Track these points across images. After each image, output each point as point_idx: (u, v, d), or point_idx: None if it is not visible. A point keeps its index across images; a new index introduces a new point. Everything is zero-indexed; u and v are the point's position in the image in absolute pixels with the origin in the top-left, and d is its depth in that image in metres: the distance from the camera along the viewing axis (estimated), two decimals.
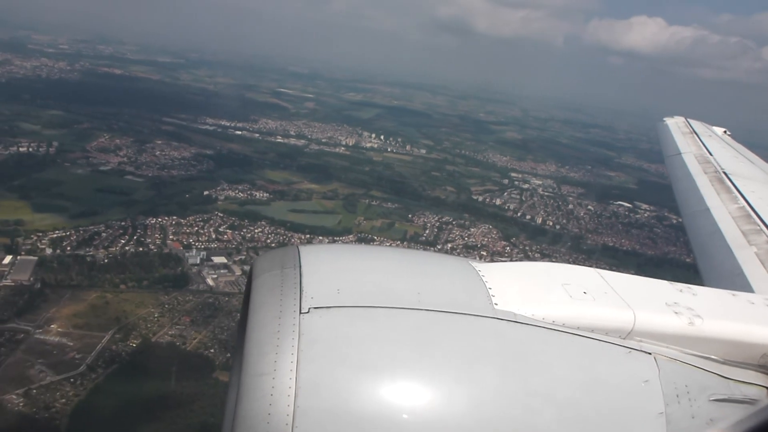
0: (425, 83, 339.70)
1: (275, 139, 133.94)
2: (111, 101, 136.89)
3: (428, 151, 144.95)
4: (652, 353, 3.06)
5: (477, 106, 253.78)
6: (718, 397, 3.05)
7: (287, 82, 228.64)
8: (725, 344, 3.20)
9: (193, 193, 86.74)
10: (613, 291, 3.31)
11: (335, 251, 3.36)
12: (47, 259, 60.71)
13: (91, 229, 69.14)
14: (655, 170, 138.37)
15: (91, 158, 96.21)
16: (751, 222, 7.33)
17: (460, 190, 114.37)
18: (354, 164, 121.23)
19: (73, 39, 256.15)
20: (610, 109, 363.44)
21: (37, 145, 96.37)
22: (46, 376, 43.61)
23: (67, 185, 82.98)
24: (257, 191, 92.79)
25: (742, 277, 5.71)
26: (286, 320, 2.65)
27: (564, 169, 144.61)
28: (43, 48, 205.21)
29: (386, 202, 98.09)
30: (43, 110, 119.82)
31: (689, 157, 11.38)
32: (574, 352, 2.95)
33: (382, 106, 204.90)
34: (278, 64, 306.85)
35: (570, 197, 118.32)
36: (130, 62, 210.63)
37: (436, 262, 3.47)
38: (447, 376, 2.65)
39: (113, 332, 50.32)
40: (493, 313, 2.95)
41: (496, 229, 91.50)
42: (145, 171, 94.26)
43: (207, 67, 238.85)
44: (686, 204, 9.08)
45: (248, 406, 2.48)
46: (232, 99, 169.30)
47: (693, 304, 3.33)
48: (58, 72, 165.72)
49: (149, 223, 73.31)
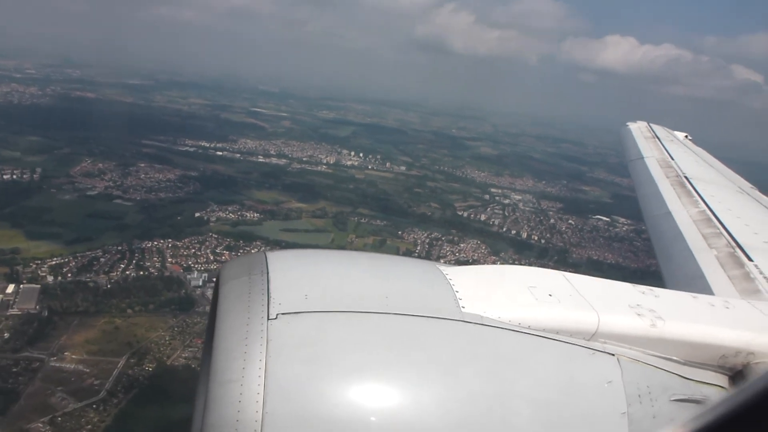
0: (396, 100, 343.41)
1: (257, 159, 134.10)
2: (87, 125, 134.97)
3: (408, 167, 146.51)
4: (615, 354, 3.13)
5: (449, 122, 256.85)
6: (678, 398, 3.15)
7: (259, 101, 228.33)
8: (686, 345, 3.29)
9: (184, 216, 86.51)
10: (578, 293, 3.38)
11: (303, 257, 3.40)
12: (50, 287, 60.18)
13: (88, 255, 68.68)
14: (627, 184, 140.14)
15: (76, 183, 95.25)
16: (711, 225, 7.42)
17: (444, 206, 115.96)
18: (338, 182, 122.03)
19: (39, 63, 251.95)
20: (580, 125, 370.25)
21: (20, 172, 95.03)
22: (68, 404, 43.43)
23: (57, 212, 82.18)
24: (247, 212, 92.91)
25: (703, 279, 5.82)
26: (254, 327, 2.66)
27: (541, 183, 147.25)
28: (10, 73, 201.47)
29: (375, 219, 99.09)
30: (20, 136, 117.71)
31: (651, 162, 11.51)
32: (540, 353, 3.02)
33: (357, 123, 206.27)
34: (248, 84, 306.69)
35: (550, 212, 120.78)
36: (100, 85, 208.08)
37: (403, 266, 3.53)
38: (415, 379, 2.70)
39: (127, 357, 50.25)
40: (461, 316, 2.99)
41: (485, 245, 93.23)
42: (132, 194, 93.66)
43: (178, 88, 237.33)
44: (649, 207, 9.18)
45: (216, 414, 2.49)
46: (208, 120, 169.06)
47: (655, 306, 3.41)
48: (30, 97, 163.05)
49: (145, 246, 73.09)
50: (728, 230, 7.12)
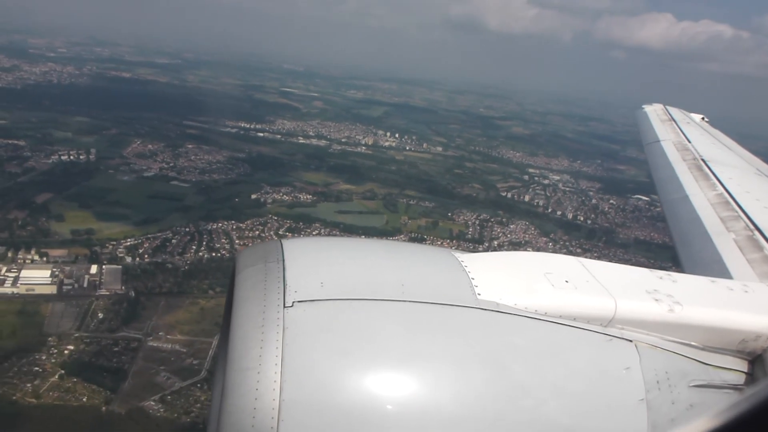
0: (419, 79, 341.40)
1: (297, 140, 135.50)
2: (128, 105, 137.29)
3: (444, 148, 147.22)
4: (633, 340, 3.11)
5: (475, 101, 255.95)
6: (697, 383, 3.12)
7: (287, 81, 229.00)
8: (704, 331, 3.25)
9: (241, 198, 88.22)
10: (595, 279, 3.35)
11: (319, 244, 3.38)
12: (131, 268, 62.11)
13: (159, 236, 70.69)
14: None
15: (131, 164, 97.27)
16: (729, 209, 7.26)
17: (487, 187, 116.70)
18: (380, 164, 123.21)
19: (68, 42, 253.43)
20: (604, 102, 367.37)
21: (76, 153, 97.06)
22: (174, 382, 45.34)
23: (120, 193, 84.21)
24: (300, 193, 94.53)
25: (721, 263, 5.71)
26: (270, 314, 2.68)
27: (576, 163, 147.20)
28: (44, 52, 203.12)
29: (423, 201, 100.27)
30: (67, 116, 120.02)
31: (668, 145, 11.27)
32: (557, 340, 3.01)
33: (387, 103, 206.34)
34: (273, 63, 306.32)
35: (590, 192, 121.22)
36: (131, 65, 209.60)
37: (419, 254, 3.52)
38: (431, 367, 2.70)
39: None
40: (476, 303, 2.99)
41: (533, 226, 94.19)
42: (187, 176, 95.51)
43: (206, 67, 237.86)
44: (665, 191, 9.02)
45: (234, 401, 2.52)
46: (243, 100, 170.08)
47: (673, 291, 3.37)
48: (68, 77, 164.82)
49: (212, 228, 74.85)
50: (747, 213, 6.95)
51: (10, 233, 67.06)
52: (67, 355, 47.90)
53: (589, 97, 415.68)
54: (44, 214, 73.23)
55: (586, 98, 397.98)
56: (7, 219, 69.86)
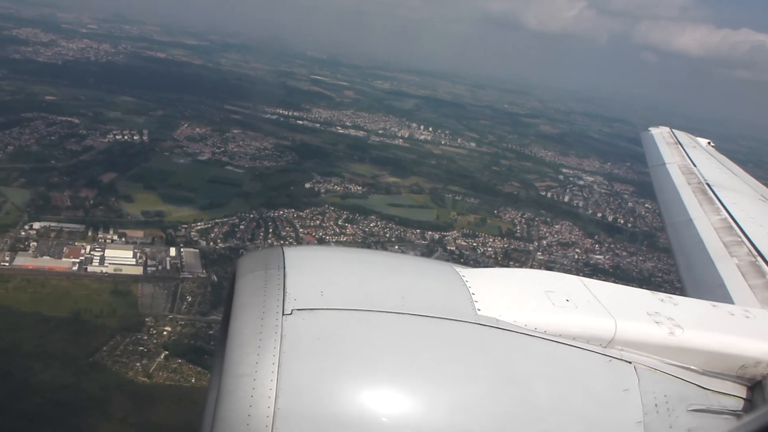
0: (440, 71, 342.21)
1: (336, 129, 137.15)
2: (170, 87, 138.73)
3: (477, 144, 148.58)
4: (633, 362, 3.09)
5: (498, 96, 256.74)
6: (696, 408, 3.10)
7: (315, 69, 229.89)
8: (705, 355, 3.23)
9: (296, 186, 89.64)
10: (596, 299, 3.34)
11: (320, 253, 3.36)
12: (207, 252, 63.67)
13: (226, 221, 72.20)
14: None
15: (184, 148, 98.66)
16: (732, 233, 7.27)
17: (525, 185, 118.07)
18: (421, 158, 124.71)
19: (95, 17, 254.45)
20: (624, 103, 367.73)
21: (130, 133, 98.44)
22: None
23: (180, 176, 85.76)
24: (350, 184, 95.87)
25: (723, 288, 5.71)
26: (269, 321, 2.66)
27: (607, 165, 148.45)
28: (75, 28, 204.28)
29: (467, 197, 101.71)
30: (113, 95, 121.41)
31: (673, 168, 11.29)
32: (556, 359, 2.98)
33: (415, 95, 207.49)
34: (296, 48, 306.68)
35: (625, 194, 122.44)
36: (163, 45, 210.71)
37: (420, 267, 3.53)
38: (429, 381, 2.67)
39: None
40: (476, 319, 2.97)
41: (576, 227, 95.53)
42: (239, 161, 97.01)
43: (234, 50, 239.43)
44: (670, 214, 9.03)
45: (228, 408, 2.49)
46: (276, 86, 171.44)
47: (674, 315, 3.35)
48: (105, 54, 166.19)
49: (275, 215, 76.38)
50: (750, 239, 6.98)
51: (84, 212, 68.61)
52: (166, 336, 49.57)
53: (610, 97, 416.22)
54: (112, 194, 74.75)
55: (606, 97, 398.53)
56: (79, 197, 71.36)
